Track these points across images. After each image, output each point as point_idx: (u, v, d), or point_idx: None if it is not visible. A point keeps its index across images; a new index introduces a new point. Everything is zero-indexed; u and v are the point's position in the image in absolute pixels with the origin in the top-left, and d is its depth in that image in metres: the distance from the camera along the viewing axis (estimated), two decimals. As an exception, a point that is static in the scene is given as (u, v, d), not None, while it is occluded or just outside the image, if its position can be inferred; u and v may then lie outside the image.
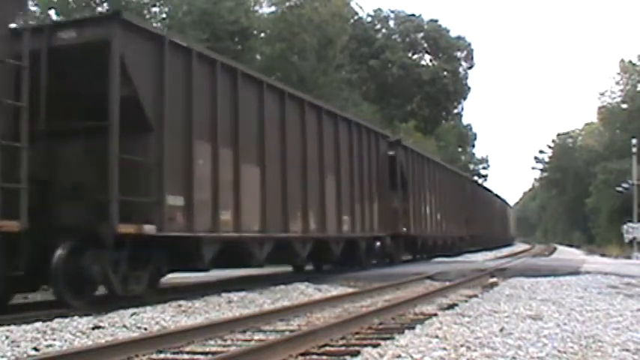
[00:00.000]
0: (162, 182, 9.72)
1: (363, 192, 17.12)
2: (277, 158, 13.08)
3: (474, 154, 68.25)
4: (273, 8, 34.20)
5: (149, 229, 9.40)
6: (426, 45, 59.44)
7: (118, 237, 9.08)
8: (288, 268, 17.06)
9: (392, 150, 20.52)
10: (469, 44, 60.96)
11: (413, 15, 59.96)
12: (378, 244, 18.79)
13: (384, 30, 58.90)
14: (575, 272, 15.59)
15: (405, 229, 21.14)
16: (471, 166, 64.20)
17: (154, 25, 24.16)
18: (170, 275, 11.32)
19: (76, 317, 7.95)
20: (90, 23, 9.85)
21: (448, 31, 60.22)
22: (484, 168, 68.88)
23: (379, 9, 59.33)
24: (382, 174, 18.80)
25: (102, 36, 9.21)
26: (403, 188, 21.30)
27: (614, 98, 69.51)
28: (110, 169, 8.97)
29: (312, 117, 14.62)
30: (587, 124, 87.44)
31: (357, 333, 6.98)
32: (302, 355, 5.82)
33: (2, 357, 5.87)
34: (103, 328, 7.43)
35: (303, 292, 12.23)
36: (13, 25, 8.82)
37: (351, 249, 16.63)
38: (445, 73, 57.26)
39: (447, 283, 12.84)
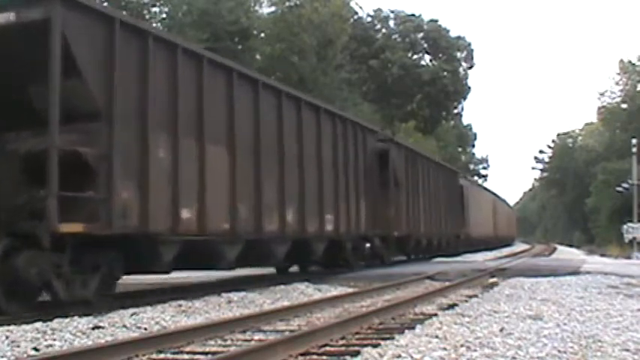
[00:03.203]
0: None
1: (447, 215, 27.78)
2: (432, 200, 24.49)
3: (473, 154, 68.35)
4: (273, 8, 34.20)
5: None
6: (426, 45, 59.38)
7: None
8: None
9: (461, 181, 31.86)
10: (469, 44, 60.93)
11: (413, 15, 59.90)
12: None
13: (384, 30, 58.83)
14: (575, 272, 15.59)
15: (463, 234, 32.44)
16: (471, 166, 64.23)
17: (154, 25, 24.11)
18: (171, 275, 11.43)
19: (76, 317, 7.95)
20: None
21: (448, 31, 60.16)
22: (484, 168, 68.99)
23: (379, 9, 59.29)
24: (457, 202, 30.14)
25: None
26: (466, 209, 32.17)
27: (614, 98, 69.68)
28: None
29: (428, 169, 24.97)
30: (587, 124, 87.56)
31: (357, 333, 6.97)
32: (302, 355, 5.82)
33: (2, 357, 5.87)
34: (103, 328, 7.42)
35: (303, 292, 12.23)
36: None
37: (447, 242, 28.12)
38: (445, 73, 57.13)
39: (447, 283, 12.82)
